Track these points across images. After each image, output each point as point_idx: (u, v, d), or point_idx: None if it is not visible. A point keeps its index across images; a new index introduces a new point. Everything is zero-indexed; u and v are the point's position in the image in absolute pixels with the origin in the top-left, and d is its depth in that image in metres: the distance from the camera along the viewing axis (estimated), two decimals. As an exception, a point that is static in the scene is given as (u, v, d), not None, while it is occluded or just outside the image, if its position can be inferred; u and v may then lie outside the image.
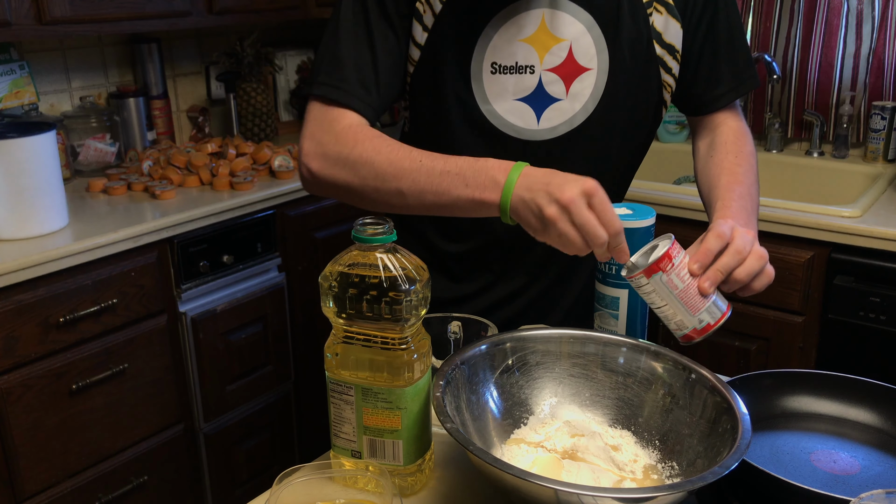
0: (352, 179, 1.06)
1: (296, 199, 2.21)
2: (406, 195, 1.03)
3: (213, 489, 2.15)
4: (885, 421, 0.94)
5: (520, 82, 1.15)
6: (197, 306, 2.01)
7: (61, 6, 1.90)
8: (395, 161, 1.03)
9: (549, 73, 1.15)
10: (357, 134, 1.07)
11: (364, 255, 0.81)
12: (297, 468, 0.76)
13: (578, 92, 1.16)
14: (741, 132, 1.23)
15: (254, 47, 2.51)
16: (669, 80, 1.21)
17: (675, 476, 0.84)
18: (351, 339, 0.83)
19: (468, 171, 0.99)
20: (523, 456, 0.86)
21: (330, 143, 1.08)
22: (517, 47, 1.13)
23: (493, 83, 1.15)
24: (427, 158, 1.02)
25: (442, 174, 1.00)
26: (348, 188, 1.08)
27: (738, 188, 1.10)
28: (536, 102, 1.16)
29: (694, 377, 0.88)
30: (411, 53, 1.16)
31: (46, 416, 1.73)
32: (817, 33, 2.32)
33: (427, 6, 1.13)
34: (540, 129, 1.17)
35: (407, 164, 1.02)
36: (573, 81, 1.16)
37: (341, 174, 1.07)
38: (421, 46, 1.15)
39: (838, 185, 2.34)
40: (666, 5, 1.15)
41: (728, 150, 1.19)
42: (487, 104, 1.16)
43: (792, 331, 2.00)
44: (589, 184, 0.91)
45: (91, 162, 2.25)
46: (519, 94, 1.16)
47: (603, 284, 1.09)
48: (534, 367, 0.94)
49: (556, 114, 1.17)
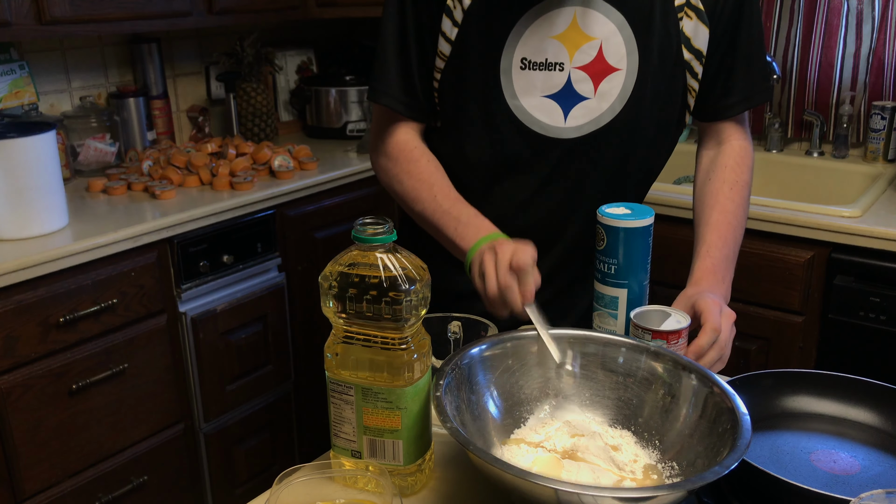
0: (392, 188, 1.27)
1: (296, 199, 2.21)
2: (419, 218, 1.23)
3: (213, 489, 2.15)
4: (885, 421, 0.94)
5: (549, 79, 1.15)
6: (197, 306, 2.01)
7: (61, 6, 1.90)
8: (416, 188, 1.21)
9: (578, 72, 1.15)
10: (401, 153, 1.24)
11: (364, 255, 0.81)
12: (297, 468, 0.76)
13: (606, 91, 1.17)
14: (743, 155, 1.27)
15: (254, 47, 2.51)
16: (694, 85, 1.22)
17: (675, 476, 0.84)
18: (351, 339, 0.83)
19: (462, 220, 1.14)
20: (523, 456, 0.86)
21: (382, 154, 1.27)
22: (548, 44, 1.14)
23: (522, 79, 1.16)
24: (441, 195, 1.19)
25: (445, 214, 1.17)
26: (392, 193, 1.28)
27: (725, 230, 1.20)
28: (565, 100, 1.17)
29: (694, 377, 0.88)
30: (441, 48, 1.18)
31: (46, 416, 1.73)
32: (817, 33, 2.33)
33: (457, 2, 1.15)
34: (567, 126, 1.18)
35: (425, 195, 1.20)
36: (602, 81, 1.16)
37: (385, 181, 1.28)
38: (451, 41, 1.16)
39: (838, 185, 2.34)
40: (696, 10, 1.16)
41: (726, 178, 1.24)
42: (515, 99, 1.17)
43: (792, 331, 2.00)
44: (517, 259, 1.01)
45: (91, 162, 2.25)
46: (547, 91, 1.16)
47: (602, 284, 1.09)
48: (534, 366, 0.94)
49: (584, 112, 1.17)
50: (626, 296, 1.08)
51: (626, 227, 1.06)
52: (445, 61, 1.18)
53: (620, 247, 1.06)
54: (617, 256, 1.06)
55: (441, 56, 1.18)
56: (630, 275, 1.07)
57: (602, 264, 1.08)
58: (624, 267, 1.07)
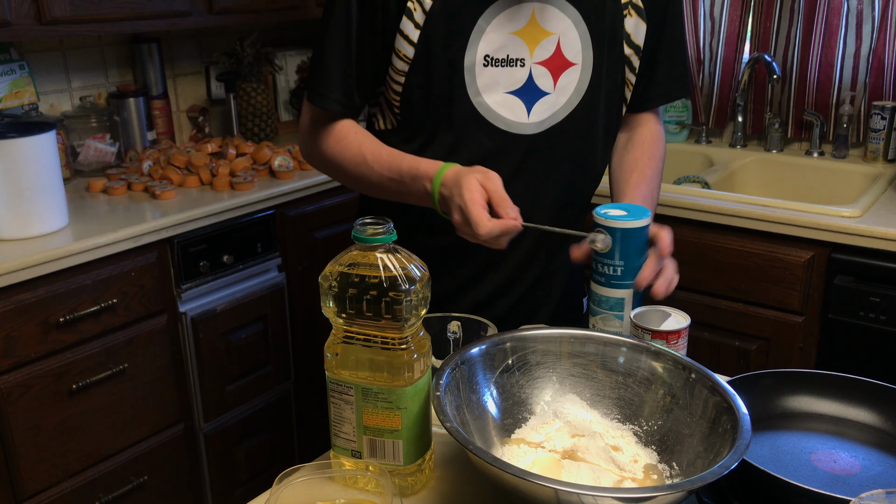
0: (332, 175, 1.29)
1: (296, 199, 2.21)
2: (371, 194, 1.25)
3: (213, 489, 2.15)
4: (885, 421, 0.94)
5: (511, 75, 1.17)
6: (197, 306, 2.01)
7: (61, 6, 1.90)
8: (355, 166, 1.21)
9: (539, 67, 1.18)
10: (337, 141, 1.23)
11: (364, 255, 0.81)
12: (297, 468, 0.76)
13: (565, 86, 1.19)
14: (658, 136, 1.34)
15: (254, 47, 2.51)
16: (632, 79, 1.26)
17: (675, 476, 0.83)
18: (351, 339, 0.83)
19: (406, 178, 1.15)
20: (523, 456, 0.86)
21: (314, 146, 1.27)
22: (509, 40, 1.16)
23: (485, 76, 1.17)
24: (376, 163, 1.18)
25: (390, 181, 1.17)
26: (333, 177, 1.31)
27: (644, 188, 1.25)
28: (527, 96, 1.19)
29: (694, 377, 0.88)
30: (404, 51, 1.17)
31: (46, 416, 1.73)
32: (817, 33, 2.32)
33: (418, 4, 1.14)
34: (529, 122, 1.20)
35: (365, 170, 1.20)
36: (561, 75, 1.19)
37: (324, 170, 1.30)
38: (414, 43, 1.16)
39: (838, 185, 2.34)
40: (637, 7, 1.21)
41: (644, 150, 1.30)
42: (479, 96, 1.18)
43: (792, 331, 2.00)
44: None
45: (91, 162, 2.25)
46: (510, 87, 1.18)
47: (606, 287, 1.09)
48: (534, 366, 0.94)
49: (545, 107, 1.20)
50: (632, 296, 1.08)
51: (630, 227, 1.05)
52: (409, 63, 1.18)
53: (626, 248, 1.06)
54: (624, 258, 1.06)
55: (404, 58, 1.17)
56: (634, 275, 1.07)
57: (605, 267, 1.08)
58: (628, 268, 1.07)
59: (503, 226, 1.01)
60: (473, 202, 1.02)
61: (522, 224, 1.03)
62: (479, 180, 1.04)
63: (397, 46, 1.17)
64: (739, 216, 1.99)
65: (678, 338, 0.99)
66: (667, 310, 1.04)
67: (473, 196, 1.02)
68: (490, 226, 1.01)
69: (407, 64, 1.18)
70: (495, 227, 1.01)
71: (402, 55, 1.18)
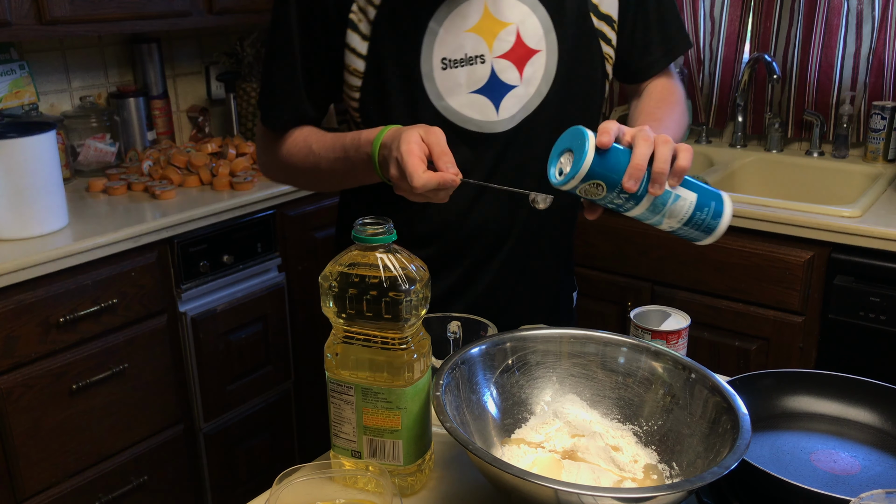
0: (289, 181, 1.30)
1: (296, 199, 2.21)
2: (325, 186, 1.26)
3: (213, 489, 2.15)
4: (885, 421, 0.94)
5: (472, 74, 1.12)
6: (197, 306, 2.01)
7: (61, 6, 1.90)
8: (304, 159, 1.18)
9: (501, 60, 1.13)
10: (283, 145, 1.21)
11: (364, 255, 0.81)
12: (297, 468, 0.76)
13: (531, 76, 1.14)
14: (670, 85, 1.25)
15: (254, 47, 2.51)
16: (610, 52, 1.20)
17: (675, 476, 0.83)
18: (351, 339, 0.83)
19: (351, 151, 1.09)
20: (523, 456, 0.86)
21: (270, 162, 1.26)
22: (464, 38, 1.11)
23: (446, 79, 1.12)
24: (321, 149, 1.15)
25: (337, 160, 1.13)
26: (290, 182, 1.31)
27: (658, 127, 1.06)
28: (493, 92, 1.14)
29: (694, 377, 0.88)
30: (355, 65, 1.13)
31: (46, 416, 1.73)
32: (817, 33, 2.32)
33: (361, 14, 1.10)
34: (500, 119, 1.15)
35: (314, 160, 1.17)
36: (525, 65, 1.14)
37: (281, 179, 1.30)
38: (363, 56, 1.12)
39: (838, 185, 2.34)
40: None
41: (652, 97, 1.23)
42: (442, 101, 1.13)
43: (792, 331, 2.00)
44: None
45: (91, 162, 2.25)
46: (473, 87, 1.13)
47: (634, 211, 0.93)
48: (534, 366, 0.94)
49: (514, 101, 1.15)
50: (651, 198, 0.91)
51: (580, 170, 0.89)
52: (361, 77, 1.14)
53: (602, 179, 0.89)
54: (610, 187, 0.90)
55: (355, 73, 1.13)
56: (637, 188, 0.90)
57: (611, 204, 0.93)
58: (623, 191, 0.90)
59: (440, 179, 0.95)
60: (410, 153, 0.95)
61: (462, 179, 0.96)
62: (419, 134, 0.98)
63: (347, 62, 1.13)
64: (739, 216, 1.99)
65: (678, 338, 0.99)
66: (667, 310, 1.04)
67: (410, 147, 0.96)
68: (425, 177, 0.94)
69: (359, 78, 1.14)
70: (431, 179, 0.94)
71: (352, 70, 1.13)
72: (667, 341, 0.98)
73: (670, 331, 0.99)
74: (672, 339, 0.98)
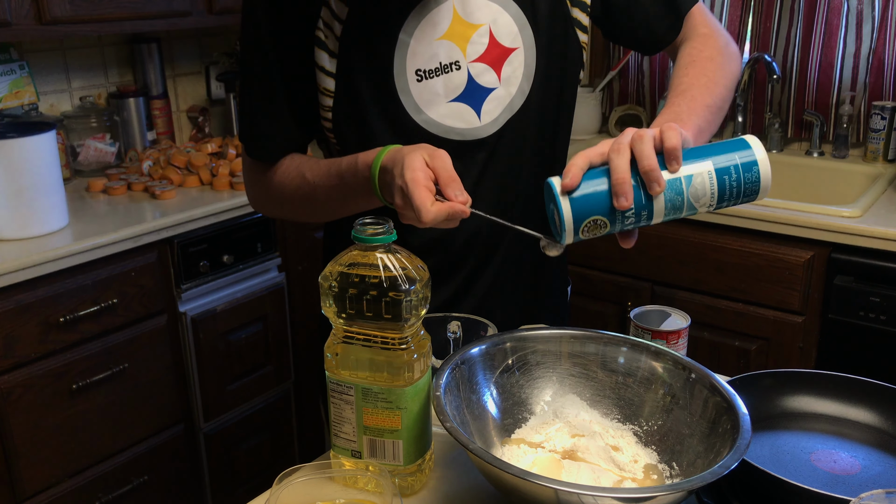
0: (282, 213, 1.23)
1: (296, 199, 2.21)
2: (323, 216, 1.18)
3: (213, 489, 2.15)
4: (885, 421, 0.94)
5: (449, 82, 1.08)
6: (197, 306, 2.01)
7: (61, 6, 1.90)
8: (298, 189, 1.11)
9: (477, 64, 1.08)
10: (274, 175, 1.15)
11: (364, 255, 0.81)
12: (297, 468, 0.76)
13: (510, 75, 1.10)
14: (697, 44, 1.14)
15: (254, 47, 2.51)
16: (585, 39, 1.16)
17: (675, 476, 0.83)
18: (351, 339, 0.83)
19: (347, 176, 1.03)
20: (523, 456, 0.86)
21: (261, 196, 1.20)
22: (437, 47, 1.06)
23: (422, 91, 1.07)
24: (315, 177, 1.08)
25: (333, 188, 1.06)
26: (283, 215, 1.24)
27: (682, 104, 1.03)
28: (472, 98, 1.09)
29: (694, 377, 0.88)
30: (325, 84, 1.08)
31: (46, 416, 1.73)
32: (817, 33, 2.32)
33: (328, 30, 1.05)
34: (483, 125, 1.11)
35: (308, 190, 1.10)
36: (503, 65, 1.10)
37: (274, 211, 1.25)
38: (333, 74, 1.07)
39: (838, 185, 2.34)
40: None
41: (679, 64, 1.12)
42: (422, 114, 1.08)
43: (792, 331, 2.00)
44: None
45: (91, 162, 2.25)
46: (451, 95, 1.08)
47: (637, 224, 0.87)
48: (534, 366, 0.94)
49: (495, 104, 1.11)
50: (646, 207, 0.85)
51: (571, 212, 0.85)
52: (332, 97, 1.08)
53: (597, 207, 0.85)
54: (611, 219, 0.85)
55: (326, 92, 1.08)
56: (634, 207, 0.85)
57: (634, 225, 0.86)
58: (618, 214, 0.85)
59: (450, 210, 0.88)
60: (415, 182, 0.88)
61: (472, 211, 0.90)
62: (424, 158, 0.91)
63: (318, 82, 1.08)
64: (739, 216, 1.99)
65: (678, 338, 0.99)
66: (667, 310, 1.04)
67: (416, 176, 0.89)
68: (434, 211, 0.88)
69: (331, 98, 1.08)
70: (441, 212, 0.88)
71: (323, 89, 1.08)
72: (667, 341, 0.98)
73: (670, 331, 0.99)
74: (672, 339, 0.98)
